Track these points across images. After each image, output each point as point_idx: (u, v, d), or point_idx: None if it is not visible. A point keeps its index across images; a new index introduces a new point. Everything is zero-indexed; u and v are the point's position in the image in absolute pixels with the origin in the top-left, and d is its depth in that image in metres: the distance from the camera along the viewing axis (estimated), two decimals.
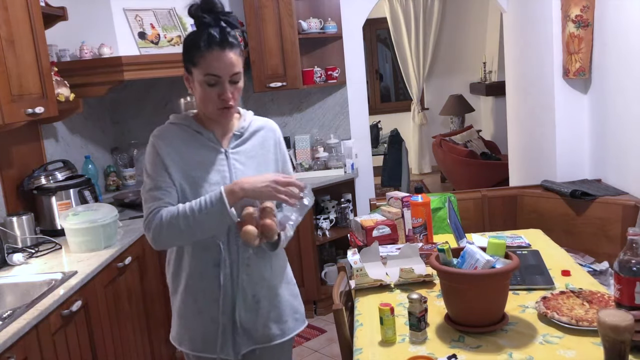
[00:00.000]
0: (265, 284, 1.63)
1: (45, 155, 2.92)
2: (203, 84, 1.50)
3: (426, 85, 7.54)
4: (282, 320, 1.67)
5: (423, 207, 2.18)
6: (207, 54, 1.48)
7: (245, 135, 1.64)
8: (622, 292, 1.33)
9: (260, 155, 1.65)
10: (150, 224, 1.51)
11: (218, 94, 1.51)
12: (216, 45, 1.48)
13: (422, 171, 7.66)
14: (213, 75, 1.49)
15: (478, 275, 1.49)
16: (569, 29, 3.08)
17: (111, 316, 2.28)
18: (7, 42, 2.14)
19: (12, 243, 2.39)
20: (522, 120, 4.04)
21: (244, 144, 1.64)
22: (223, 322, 1.60)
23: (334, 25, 3.86)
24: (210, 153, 1.59)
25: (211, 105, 1.53)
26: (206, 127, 1.61)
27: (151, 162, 1.57)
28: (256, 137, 1.66)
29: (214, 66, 1.48)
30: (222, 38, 1.49)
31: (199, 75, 1.50)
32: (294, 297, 1.73)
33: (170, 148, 1.56)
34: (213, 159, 1.58)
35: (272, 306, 1.65)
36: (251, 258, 1.60)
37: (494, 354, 1.40)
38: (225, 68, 1.49)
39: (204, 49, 1.48)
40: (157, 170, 1.55)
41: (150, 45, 3.21)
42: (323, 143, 3.94)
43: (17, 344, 1.61)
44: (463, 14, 7.34)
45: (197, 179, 1.55)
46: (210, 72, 1.49)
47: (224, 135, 1.62)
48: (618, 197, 2.81)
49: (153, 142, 1.58)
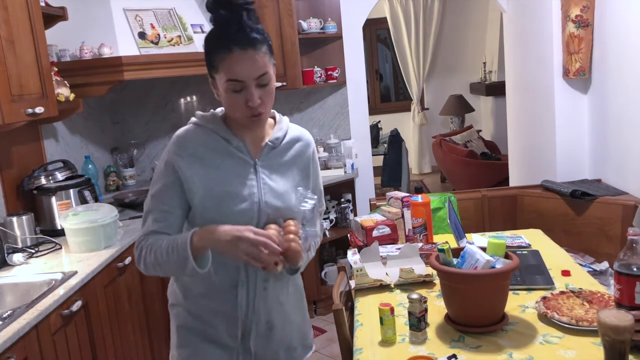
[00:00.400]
0: (281, 309, 1.49)
1: (45, 155, 2.92)
2: (228, 91, 1.32)
3: (426, 85, 7.54)
4: (292, 347, 1.55)
5: (423, 207, 2.18)
6: (227, 56, 1.29)
7: (279, 148, 1.45)
8: (622, 292, 1.33)
9: (292, 172, 1.46)
10: (136, 250, 1.39)
11: (245, 100, 1.31)
12: (236, 45, 1.28)
13: (422, 171, 7.66)
14: (236, 80, 1.30)
15: (478, 275, 1.49)
16: (569, 29, 3.09)
17: (111, 316, 2.28)
18: (7, 42, 2.14)
19: (12, 243, 2.39)
20: (522, 120, 4.04)
21: (276, 157, 1.44)
22: (236, 349, 1.46)
23: (334, 25, 3.86)
24: (238, 165, 1.40)
25: (239, 113, 1.34)
26: (235, 134, 1.41)
27: (163, 173, 1.39)
28: (290, 151, 1.47)
29: (236, 70, 1.29)
30: (243, 36, 1.29)
31: (222, 81, 1.32)
32: (305, 322, 1.61)
33: (193, 157, 1.37)
34: (240, 171, 1.39)
35: (284, 333, 1.51)
36: (269, 281, 1.45)
37: (494, 354, 1.40)
38: (248, 71, 1.29)
39: (223, 51, 1.29)
40: (164, 187, 1.38)
41: (150, 45, 3.21)
42: (323, 143, 3.94)
43: (17, 344, 1.61)
44: (463, 13, 7.34)
45: (222, 196, 1.37)
46: (232, 77, 1.29)
47: (254, 144, 1.43)
48: (618, 197, 2.81)
49: (174, 149, 1.38)
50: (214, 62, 1.32)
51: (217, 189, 1.37)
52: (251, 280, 1.43)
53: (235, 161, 1.40)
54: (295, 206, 1.42)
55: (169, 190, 1.37)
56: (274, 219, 1.39)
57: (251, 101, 1.31)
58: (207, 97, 3.93)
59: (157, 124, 3.91)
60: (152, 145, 3.91)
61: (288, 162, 1.46)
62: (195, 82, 3.83)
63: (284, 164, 1.45)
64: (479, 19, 7.26)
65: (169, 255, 1.32)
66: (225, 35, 1.30)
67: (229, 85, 1.31)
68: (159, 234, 1.37)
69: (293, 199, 1.43)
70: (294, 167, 1.47)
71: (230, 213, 1.36)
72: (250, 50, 1.29)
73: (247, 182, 1.39)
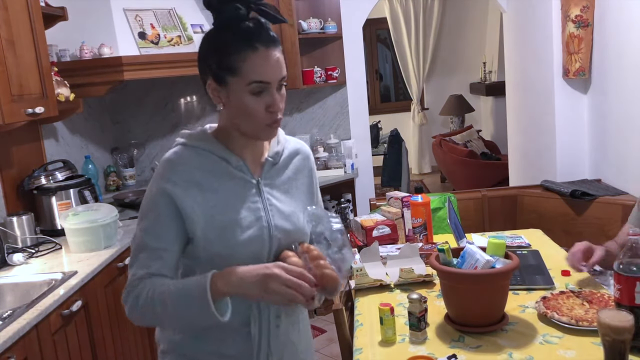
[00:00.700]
0: (292, 348, 1.33)
1: (45, 155, 2.92)
2: (246, 95, 1.16)
3: (426, 85, 7.54)
4: None
5: (423, 207, 2.18)
6: (250, 55, 1.15)
7: (279, 164, 1.30)
8: (622, 292, 1.33)
9: (295, 189, 1.32)
10: (127, 296, 1.18)
11: (266, 105, 1.17)
12: (260, 43, 1.15)
13: (422, 171, 7.66)
14: (260, 82, 1.15)
15: (478, 275, 1.49)
16: (569, 29, 3.08)
17: (111, 316, 2.28)
18: (7, 42, 2.14)
19: (12, 243, 2.39)
20: (522, 120, 4.04)
21: (278, 174, 1.29)
22: None
23: (334, 25, 3.86)
24: (239, 186, 1.23)
25: (257, 121, 1.18)
26: (233, 152, 1.24)
27: (155, 203, 1.19)
28: (290, 166, 1.32)
29: (261, 71, 1.15)
30: (265, 33, 1.17)
31: (241, 85, 1.16)
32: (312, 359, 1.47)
33: (189, 183, 1.19)
34: (243, 193, 1.23)
35: None
36: (281, 317, 1.28)
37: (494, 354, 1.40)
38: (274, 71, 1.17)
39: (245, 50, 1.15)
40: (158, 219, 1.19)
41: (150, 45, 3.21)
42: (323, 143, 3.94)
43: (17, 344, 1.61)
44: (463, 13, 7.34)
45: (225, 224, 1.19)
46: (256, 78, 1.15)
47: (254, 162, 1.27)
48: (618, 197, 2.81)
49: (167, 176, 1.19)
50: (233, 63, 1.15)
51: (219, 218, 1.19)
52: (263, 316, 1.25)
53: (236, 182, 1.23)
54: (305, 227, 1.28)
55: (164, 222, 1.18)
56: (287, 244, 1.25)
57: (274, 105, 1.17)
58: (207, 97, 3.89)
59: (157, 124, 3.91)
60: (152, 145, 3.91)
61: (290, 178, 1.32)
62: (195, 82, 3.83)
63: (287, 181, 1.30)
64: (479, 19, 7.26)
65: (178, 305, 1.12)
66: (246, 33, 1.16)
67: (250, 88, 1.15)
68: (156, 277, 1.17)
69: (301, 219, 1.29)
70: (296, 183, 1.33)
71: (237, 243, 1.19)
72: (272, 49, 1.17)
73: (252, 205, 1.23)
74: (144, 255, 1.18)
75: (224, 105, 1.20)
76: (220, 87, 1.19)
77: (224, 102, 1.20)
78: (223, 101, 1.20)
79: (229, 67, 1.16)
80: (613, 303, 1.42)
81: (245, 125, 1.20)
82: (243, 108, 1.17)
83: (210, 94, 1.22)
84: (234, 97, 1.18)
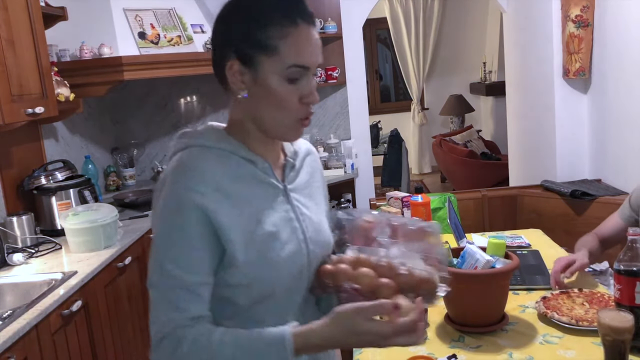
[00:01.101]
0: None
1: (45, 155, 2.92)
2: (281, 82, 0.94)
3: (426, 85, 7.54)
4: None
5: (423, 207, 2.18)
6: (292, 32, 0.93)
7: (297, 164, 1.10)
8: (622, 292, 1.33)
9: (316, 194, 1.14)
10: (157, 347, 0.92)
11: (301, 95, 0.96)
12: (302, 18, 0.94)
13: (422, 171, 7.66)
14: (301, 66, 0.94)
15: (478, 275, 1.49)
16: (569, 29, 3.08)
17: (111, 316, 2.28)
18: (7, 42, 2.14)
19: (12, 243, 2.39)
20: (522, 120, 4.04)
21: (297, 176, 1.09)
22: None
23: (334, 25, 3.86)
24: (268, 193, 1.01)
25: (289, 114, 0.97)
26: (255, 152, 1.02)
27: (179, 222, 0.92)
28: (305, 167, 1.13)
29: (303, 52, 0.94)
30: (304, 6, 0.97)
31: (276, 68, 0.94)
32: None
33: (219, 193, 0.94)
34: (273, 202, 1.01)
35: None
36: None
37: (494, 354, 1.40)
38: (315, 54, 0.96)
39: (285, 24, 0.93)
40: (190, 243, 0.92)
41: (150, 45, 3.21)
42: (323, 143, 3.94)
43: (17, 344, 1.61)
44: (463, 14, 7.34)
45: (264, 240, 0.97)
46: (297, 61, 0.94)
47: (274, 164, 1.06)
48: (618, 197, 2.81)
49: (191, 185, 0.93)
50: (268, 39, 0.93)
51: (258, 233, 0.97)
52: None
53: (264, 189, 1.01)
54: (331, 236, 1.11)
55: (198, 246, 0.92)
56: (321, 258, 1.07)
57: (312, 95, 0.97)
58: (207, 97, 3.93)
59: (157, 124, 3.91)
60: (152, 145, 3.91)
61: (309, 181, 1.12)
62: (195, 82, 3.83)
63: (307, 185, 1.11)
64: (479, 19, 7.26)
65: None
66: (288, 2, 0.95)
67: (289, 74, 0.94)
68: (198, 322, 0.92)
69: (327, 226, 1.12)
70: (314, 186, 1.14)
71: (279, 262, 0.98)
72: (313, 27, 0.97)
73: (284, 214, 1.02)
74: (177, 294, 0.91)
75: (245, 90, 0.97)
76: (245, 70, 0.95)
77: (248, 89, 0.97)
78: (247, 87, 0.96)
79: (264, 44, 0.93)
80: (613, 303, 1.42)
81: (272, 120, 0.98)
82: (273, 97, 0.95)
83: (229, 78, 0.97)
84: (263, 83, 0.95)
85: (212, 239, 0.93)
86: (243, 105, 0.99)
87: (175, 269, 0.91)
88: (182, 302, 0.91)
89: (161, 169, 3.84)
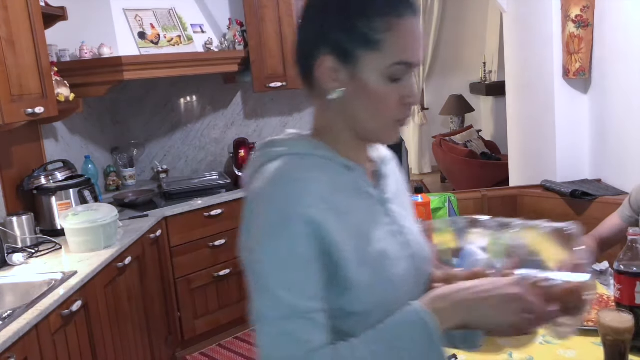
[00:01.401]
0: None
1: (45, 155, 2.92)
2: (382, 80, 0.83)
3: (426, 85, 7.54)
4: None
5: (423, 207, 2.18)
6: (398, 24, 0.82)
7: (387, 171, 1.00)
8: (622, 292, 1.33)
9: (405, 202, 1.02)
10: None
11: (401, 95, 0.85)
12: (408, 8, 0.84)
13: (422, 171, 7.66)
14: (407, 64, 0.84)
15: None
16: (569, 29, 3.08)
17: (111, 316, 2.28)
18: (7, 42, 2.14)
19: (12, 243, 2.39)
20: (522, 120, 4.04)
21: (389, 184, 0.98)
22: None
23: None
24: (369, 205, 0.90)
25: (388, 115, 0.86)
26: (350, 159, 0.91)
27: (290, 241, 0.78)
28: (392, 174, 1.02)
29: (409, 48, 0.83)
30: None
31: (379, 64, 0.82)
32: None
33: (329, 208, 0.82)
34: (375, 215, 0.90)
35: None
36: None
37: (494, 354, 1.40)
38: (420, 50, 0.86)
39: (392, 16, 0.82)
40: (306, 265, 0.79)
41: (150, 45, 3.21)
42: None
43: (17, 344, 1.61)
44: (463, 13, 7.34)
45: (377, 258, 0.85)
46: (403, 58, 0.83)
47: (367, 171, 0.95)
48: (618, 197, 2.81)
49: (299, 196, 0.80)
50: (371, 32, 0.81)
51: (370, 250, 0.85)
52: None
53: (364, 199, 0.90)
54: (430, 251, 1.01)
55: (313, 269, 0.79)
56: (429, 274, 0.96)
57: (413, 96, 0.86)
58: (206, 97, 3.93)
59: (157, 124, 3.91)
60: (152, 145, 3.91)
61: (399, 190, 1.01)
62: (195, 82, 3.83)
63: (398, 194, 0.99)
64: (479, 19, 7.26)
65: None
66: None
67: (393, 72, 0.83)
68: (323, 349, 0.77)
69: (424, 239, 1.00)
70: (403, 194, 1.03)
71: (395, 282, 0.86)
72: (418, 19, 0.86)
73: (388, 228, 0.90)
74: (295, 325, 0.77)
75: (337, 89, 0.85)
76: (341, 66, 0.84)
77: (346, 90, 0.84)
78: (341, 87, 0.84)
79: (365, 37, 0.82)
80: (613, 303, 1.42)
81: (369, 122, 0.87)
82: (372, 97, 0.84)
83: (319, 76, 0.85)
84: (361, 82, 0.83)
85: (324, 260, 0.80)
86: (333, 107, 0.87)
87: (288, 296, 0.77)
88: (303, 334, 0.76)
89: (161, 169, 3.84)
